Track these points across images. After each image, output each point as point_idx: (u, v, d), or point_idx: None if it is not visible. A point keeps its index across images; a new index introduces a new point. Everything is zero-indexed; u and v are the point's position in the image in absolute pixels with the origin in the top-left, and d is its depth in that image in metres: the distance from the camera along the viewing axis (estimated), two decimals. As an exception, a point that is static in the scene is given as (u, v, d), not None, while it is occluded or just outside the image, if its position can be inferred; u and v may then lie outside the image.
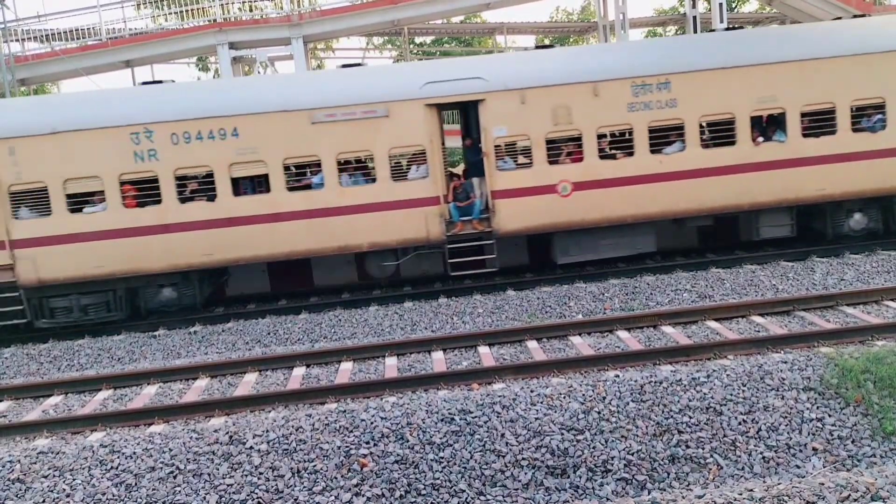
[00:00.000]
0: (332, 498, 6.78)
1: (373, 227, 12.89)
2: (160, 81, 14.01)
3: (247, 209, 12.73)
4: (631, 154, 13.07)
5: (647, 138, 12.98)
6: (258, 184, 13.08)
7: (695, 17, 23.66)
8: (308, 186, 12.99)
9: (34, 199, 12.58)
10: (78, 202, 12.77)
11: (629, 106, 12.86)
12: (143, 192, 12.73)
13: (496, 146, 12.87)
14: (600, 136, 13.03)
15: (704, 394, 7.65)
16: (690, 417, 7.41)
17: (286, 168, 12.85)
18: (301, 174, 13.26)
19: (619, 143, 13.29)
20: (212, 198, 12.71)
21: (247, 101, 12.76)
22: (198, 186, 12.91)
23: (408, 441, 7.27)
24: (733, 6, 33.08)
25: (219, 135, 12.52)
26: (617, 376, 8.06)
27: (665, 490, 6.76)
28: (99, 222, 12.62)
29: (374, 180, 12.95)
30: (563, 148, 13.11)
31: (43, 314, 12.91)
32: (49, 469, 7.26)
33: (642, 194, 13.06)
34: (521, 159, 13.25)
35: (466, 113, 14.26)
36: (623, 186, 13.03)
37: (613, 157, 13.17)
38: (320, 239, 12.86)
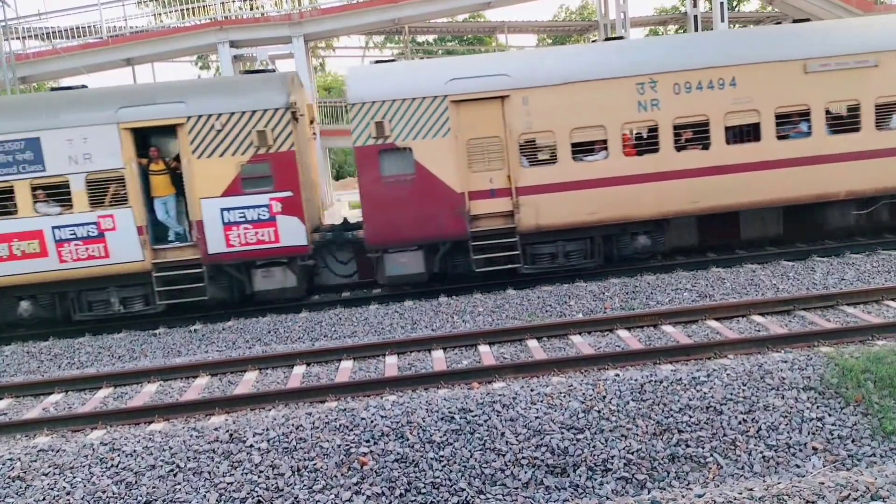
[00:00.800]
0: (333, 496, 6.79)
1: (853, 176, 13.30)
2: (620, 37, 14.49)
3: (737, 157, 13.18)
4: None
5: None
6: (742, 133, 13.50)
7: (696, 17, 23.65)
8: (786, 137, 13.39)
9: (541, 148, 13.18)
10: (578, 151, 13.20)
11: None
12: (643, 140, 13.38)
13: None
14: None
15: (704, 393, 7.65)
16: (690, 416, 7.41)
17: (777, 117, 13.19)
18: (787, 123, 13.52)
19: None
20: (706, 146, 13.18)
21: (744, 52, 13.24)
22: (692, 135, 13.44)
23: (408, 440, 7.27)
24: (734, 5, 33.04)
25: (717, 85, 13.06)
26: (617, 375, 8.06)
27: (665, 489, 6.76)
28: (598, 170, 13.08)
29: (856, 129, 13.30)
30: None
31: (526, 261, 13.31)
32: (49, 467, 7.27)
33: None
34: None
35: None
36: None
37: None
38: (798, 186, 13.29)
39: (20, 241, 12.40)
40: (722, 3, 22.48)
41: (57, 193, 12.64)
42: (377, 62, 14.69)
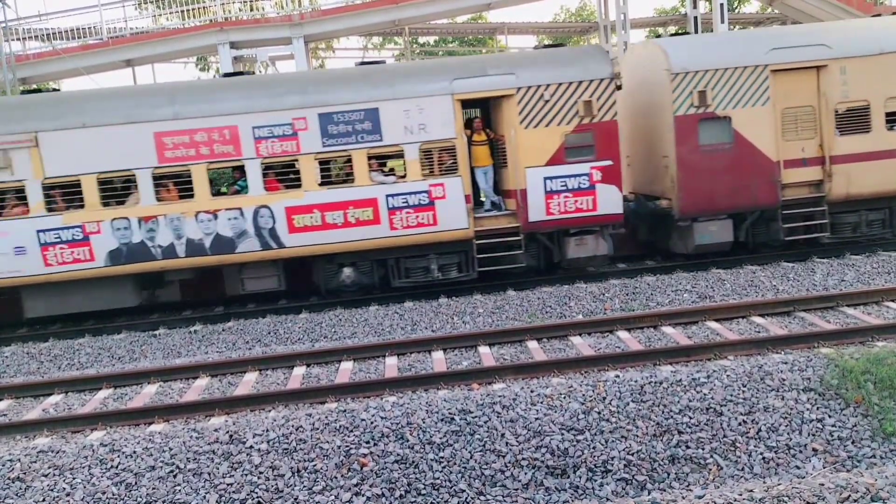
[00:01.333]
0: (332, 497, 6.78)
1: None
2: None
3: None
4: None
5: None
6: None
7: (696, 18, 23.65)
8: None
9: (856, 117, 13.34)
10: (892, 120, 13.34)
11: None
12: None
13: None
14: None
15: (704, 394, 7.64)
16: (690, 418, 7.41)
17: None
18: None
19: None
20: None
21: None
22: None
23: (408, 441, 7.26)
24: (734, 7, 33.05)
25: None
26: (617, 376, 8.06)
27: (665, 490, 6.75)
28: None
29: None
30: None
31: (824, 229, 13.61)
32: (49, 468, 7.26)
33: None
34: None
35: None
36: None
37: None
38: None
39: (355, 209, 12.72)
40: (722, 5, 22.48)
41: (390, 162, 13.34)
42: (675, 34, 15.42)
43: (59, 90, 16.60)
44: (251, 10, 24.22)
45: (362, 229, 12.75)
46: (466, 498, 6.79)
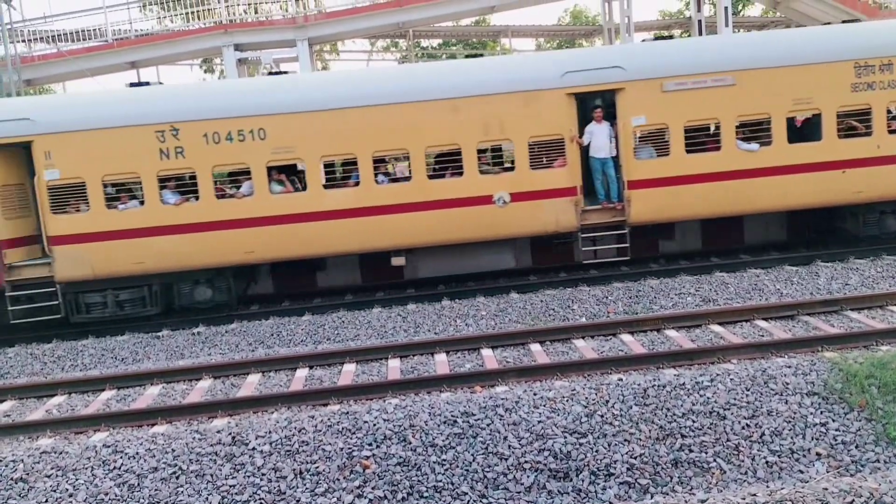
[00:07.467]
0: (335, 499, 6.77)
1: None
2: None
3: None
4: None
5: None
6: None
7: (700, 21, 23.64)
8: None
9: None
10: None
11: None
12: None
13: None
14: None
15: (708, 398, 7.63)
16: (694, 421, 7.39)
17: None
18: None
19: None
20: None
21: None
22: None
23: (410, 443, 7.26)
24: (738, 10, 33.03)
25: None
26: (620, 380, 8.04)
27: (668, 494, 6.74)
28: None
29: None
30: None
31: None
32: (52, 469, 7.27)
33: None
34: None
35: None
36: None
37: None
38: None
39: None
40: (726, 8, 22.48)
41: None
42: None
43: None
44: (256, 12, 24.29)
45: None
46: (469, 501, 6.78)
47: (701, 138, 13.38)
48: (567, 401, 7.65)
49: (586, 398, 7.67)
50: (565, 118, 12.81)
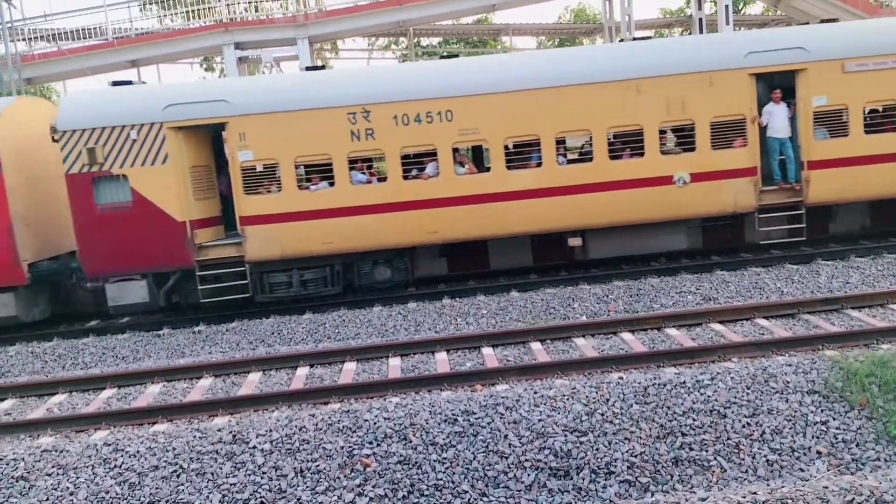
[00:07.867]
0: (335, 498, 6.78)
1: None
2: None
3: None
4: None
5: None
6: None
7: (701, 19, 23.63)
8: None
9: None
10: None
11: None
12: None
13: None
14: None
15: (708, 396, 7.63)
16: (694, 420, 7.39)
17: None
18: None
19: None
20: None
21: None
22: None
23: (411, 442, 7.26)
24: (739, 8, 33.00)
25: None
26: (620, 378, 8.05)
27: (668, 493, 6.74)
28: None
29: None
30: None
31: None
32: (53, 467, 7.28)
33: None
34: None
35: None
36: None
37: None
38: None
39: None
40: (727, 6, 22.46)
41: None
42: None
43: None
44: (256, 10, 24.28)
45: None
46: (469, 499, 6.78)
47: (878, 119, 13.53)
48: (567, 399, 7.65)
49: (587, 397, 7.68)
50: (747, 98, 12.95)
